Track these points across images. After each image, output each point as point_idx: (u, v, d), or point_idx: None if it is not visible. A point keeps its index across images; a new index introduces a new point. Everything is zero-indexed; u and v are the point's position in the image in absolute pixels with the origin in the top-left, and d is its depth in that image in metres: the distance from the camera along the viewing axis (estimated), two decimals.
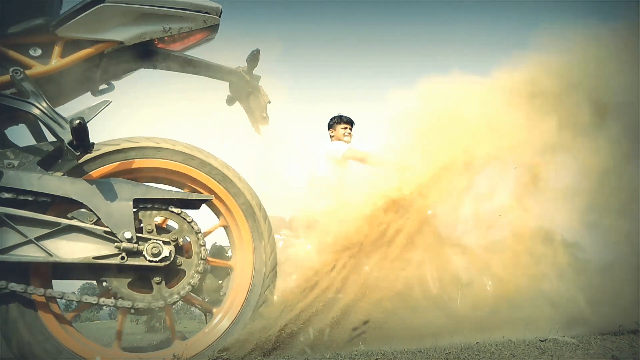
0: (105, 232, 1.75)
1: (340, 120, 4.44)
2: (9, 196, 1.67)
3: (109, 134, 1.94)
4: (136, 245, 1.76)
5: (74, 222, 1.73)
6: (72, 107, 1.99)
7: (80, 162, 1.82)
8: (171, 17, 1.91)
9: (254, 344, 1.91)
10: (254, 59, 2.24)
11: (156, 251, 1.78)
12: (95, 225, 1.75)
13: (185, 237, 1.89)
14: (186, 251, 1.90)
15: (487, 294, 3.44)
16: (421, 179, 2.48)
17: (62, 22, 1.80)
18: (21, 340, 1.67)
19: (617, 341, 2.29)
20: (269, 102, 2.34)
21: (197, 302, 2.18)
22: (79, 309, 1.97)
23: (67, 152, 1.72)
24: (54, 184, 1.72)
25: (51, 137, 1.78)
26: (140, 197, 1.81)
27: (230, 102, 2.37)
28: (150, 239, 1.79)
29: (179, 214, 1.89)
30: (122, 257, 1.74)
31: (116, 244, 1.74)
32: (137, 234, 1.77)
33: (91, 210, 1.75)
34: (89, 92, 2.10)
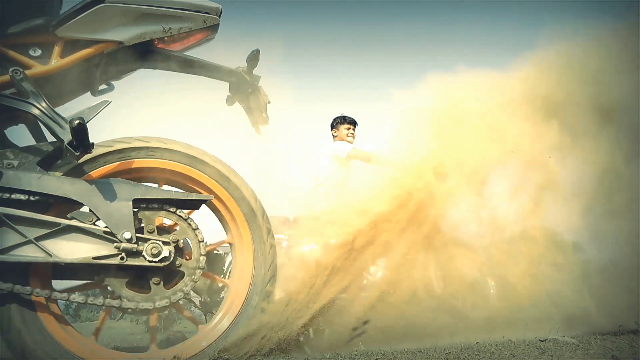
0: (104, 232, 1.75)
1: (343, 120, 4.44)
2: (9, 196, 1.67)
3: (109, 134, 1.94)
4: (136, 245, 1.76)
5: (73, 222, 1.72)
6: (72, 107, 1.99)
7: (80, 162, 1.82)
8: (171, 17, 1.91)
9: (254, 344, 1.91)
10: (253, 59, 2.24)
11: (156, 251, 1.78)
12: (94, 225, 1.75)
13: (185, 238, 1.89)
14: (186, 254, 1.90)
15: (492, 294, 3.43)
16: (425, 179, 2.47)
17: (62, 22, 1.80)
18: (20, 340, 1.67)
19: (617, 341, 2.29)
20: (269, 102, 2.34)
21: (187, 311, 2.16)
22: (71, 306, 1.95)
23: (67, 152, 1.72)
24: (54, 184, 1.72)
25: (51, 137, 1.78)
26: (139, 197, 1.81)
27: (230, 102, 2.37)
28: (149, 239, 1.79)
29: (186, 219, 1.87)
30: (122, 257, 1.74)
31: (116, 244, 1.74)
32: (137, 234, 1.77)
33: (91, 210, 1.75)
34: (89, 92, 2.10)
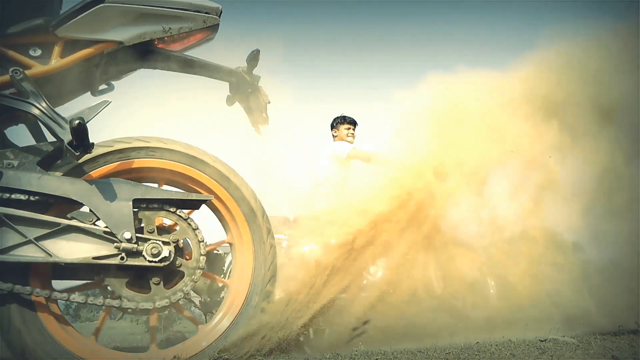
0: (104, 232, 1.75)
1: (343, 120, 4.44)
2: (9, 196, 1.67)
3: (109, 134, 1.94)
4: (136, 245, 1.75)
5: (73, 222, 1.72)
6: (72, 107, 1.99)
7: (80, 162, 1.81)
8: (171, 17, 1.91)
9: (254, 344, 1.91)
10: (253, 59, 2.24)
11: (156, 251, 1.78)
12: (94, 225, 1.75)
13: (185, 238, 1.89)
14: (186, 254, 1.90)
15: (492, 295, 3.43)
16: (425, 179, 2.47)
17: (62, 22, 1.80)
18: (20, 340, 1.66)
19: (617, 341, 2.29)
20: (269, 102, 2.34)
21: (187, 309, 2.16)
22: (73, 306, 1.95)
23: (67, 153, 1.72)
24: (54, 184, 1.72)
25: (51, 137, 1.78)
26: (139, 197, 1.80)
27: (230, 102, 2.37)
28: (149, 239, 1.79)
29: (186, 219, 1.87)
30: (122, 257, 1.74)
31: (116, 244, 1.74)
32: (137, 234, 1.77)
33: (91, 210, 1.75)
34: (89, 92, 2.10)
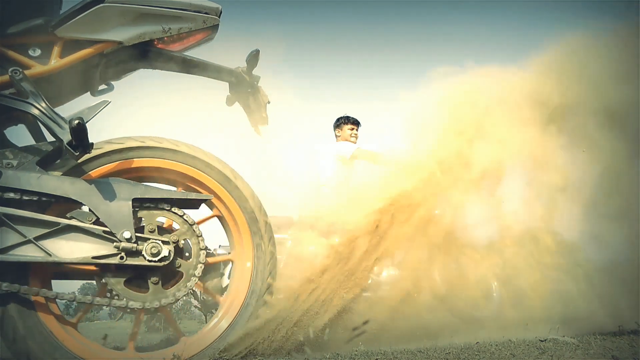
0: (104, 231, 1.75)
1: (347, 120, 4.45)
2: (8, 196, 1.67)
3: (109, 134, 1.94)
4: (135, 245, 1.76)
5: (73, 222, 1.72)
6: (72, 107, 1.99)
7: (79, 161, 1.82)
8: (171, 17, 1.92)
9: (254, 344, 1.91)
10: (253, 59, 2.24)
11: (155, 251, 1.78)
12: (94, 225, 1.75)
13: (185, 238, 1.89)
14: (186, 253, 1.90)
15: (495, 297, 3.43)
16: (430, 179, 2.47)
17: (61, 22, 1.80)
18: (20, 340, 1.66)
19: (617, 341, 2.28)
20: (269, 102, 2.34)
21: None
22: (82, 309, 1.95)
23: (66, 152, 1.72)
24: (53, 183, 1.72)
25: (50, 137, 1.78)
26: (139, 196, 1.81)
27: (230, 102, 2.37)
28: (149, 239, 1.79)
29: (181, 216, 1.88)
30: (122, 257, 1.74)
31: (115, 244, 1.74)
32: (137, 234, 1.77)
33: (90, 209, 1.75)
34: (89, 92, 2.10)
